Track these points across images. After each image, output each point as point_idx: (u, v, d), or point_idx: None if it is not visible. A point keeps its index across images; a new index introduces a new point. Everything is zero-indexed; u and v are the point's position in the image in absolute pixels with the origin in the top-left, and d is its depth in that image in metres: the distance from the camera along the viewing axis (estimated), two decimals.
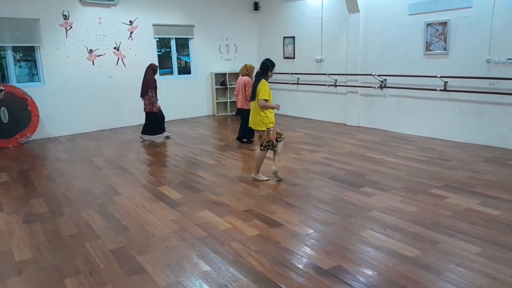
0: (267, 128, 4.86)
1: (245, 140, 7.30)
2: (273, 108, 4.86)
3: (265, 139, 4.93)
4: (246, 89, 6.96)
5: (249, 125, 5.12)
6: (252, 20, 11.07)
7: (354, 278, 2.79)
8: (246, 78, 7.09)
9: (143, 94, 7.56)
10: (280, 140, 5.02)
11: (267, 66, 4.90)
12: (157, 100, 7.58)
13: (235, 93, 7.33)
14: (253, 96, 4.89)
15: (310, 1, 9.31)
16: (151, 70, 7.58)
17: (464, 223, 3.63)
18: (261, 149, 5.01)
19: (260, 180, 5.06)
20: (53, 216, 4.13)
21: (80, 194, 4.77)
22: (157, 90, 7.68)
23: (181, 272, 2.94)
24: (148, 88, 7.47)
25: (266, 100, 4.76)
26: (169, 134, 8.02)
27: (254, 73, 6.00)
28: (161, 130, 7.90)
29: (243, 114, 7.06)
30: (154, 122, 7.72)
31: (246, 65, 7.23)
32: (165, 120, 7.98)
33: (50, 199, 4.65)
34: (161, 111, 7.73)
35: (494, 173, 5.02)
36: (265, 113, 4.83)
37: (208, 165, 5.86)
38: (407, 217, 3.80)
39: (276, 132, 4.97)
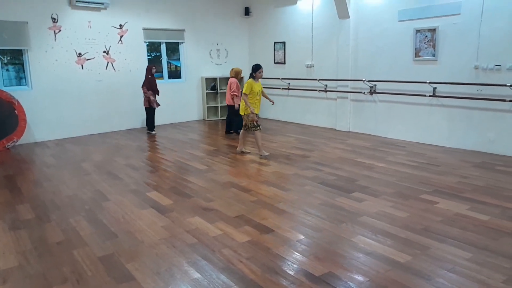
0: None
1: (232, 131, 8.56)
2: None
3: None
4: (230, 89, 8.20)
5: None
6: (243, 25, 11.09)
7: (346, 285, 2.77)
8: (232, 79, 8.25)
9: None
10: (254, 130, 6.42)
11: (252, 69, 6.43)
12: (151, 97, 8.63)
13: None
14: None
15: (301, 7, 9.36)
16: (148, 72, 8.64)
17: (454, 228, 3.64)
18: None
19: (243, 152, 6.76)
20: (40, 222, 4.05)
21: (68, 200, 4.69)
22: (151, 89, 8.64)
23: (171, 280, 2.90)
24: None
25: (245, 94, 6.31)
26: (153, 132, 8.91)
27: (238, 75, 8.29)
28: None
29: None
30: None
31: (232, 68, 8.44)
32: (149, 118, 8.85)
33: (37, 205, 4.56)
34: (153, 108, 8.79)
35: (483, 178, 5.07)
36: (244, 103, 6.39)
37: (198, 170, 5.82)
38: (397, 222, 3.81)
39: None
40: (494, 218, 3.85)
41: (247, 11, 10.88)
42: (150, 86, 8.52)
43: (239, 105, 7.98)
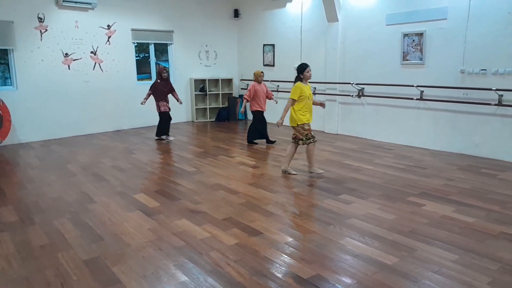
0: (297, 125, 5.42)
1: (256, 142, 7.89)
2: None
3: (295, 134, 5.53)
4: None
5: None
6: (232, 27, 11.08)
7: (334, 287, 2.77)
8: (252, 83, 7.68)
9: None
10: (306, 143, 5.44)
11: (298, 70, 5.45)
12: (158, 103, 8.10)
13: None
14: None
15: (290, 10, 9.39)
16: (158, 75, 8.17)
17: (441, 230, 3.68)
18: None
19: (289, 173, 5.58)
20: (23, 225, 3.97)
21: (52, 202, 4.61)
22: (154, 94, 8.07)
23: (157, 283, 2.86)
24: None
25: (293, 100, 5.34)
26: (168, 138, 8.34)
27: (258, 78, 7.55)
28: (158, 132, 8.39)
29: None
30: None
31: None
32: (164, 123, 8.27)
33: (21, 207, 4.47)
34: (161, 112, 8.18)
35: (469, 181, 5.13)
36: (293, 111, 5.39)
37: (186, 172, 5.78)
38: (385, 224, 3.83)
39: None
40: (480, 220, 3.90)
41: (236, 13, 10.87)
42: (153, 90, 7.97)
43: (254, 110, 7.60)
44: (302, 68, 5.35)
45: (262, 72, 7.65)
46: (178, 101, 8.33)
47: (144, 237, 3.62)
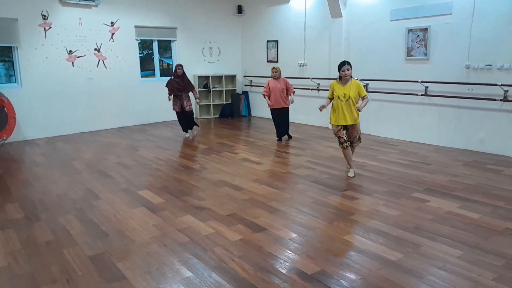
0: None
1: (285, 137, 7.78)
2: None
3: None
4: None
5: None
6: (235, 23, 11.05)
7: (338, 283, 2.77)
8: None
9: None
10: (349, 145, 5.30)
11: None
12: (173, 100, 7.98)
13: None
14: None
15: (294, 6, 9.36)
16: (174, 72, 8.01)
17: (446, 226, 3.66)
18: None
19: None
20: (29, 222, 3.99)
21: (58, 199, 4.64)
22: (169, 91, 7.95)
23: (162, 279, 2.88)
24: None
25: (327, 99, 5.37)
26: (188, 135, 8.24)
27: (275, 74, 7.37)
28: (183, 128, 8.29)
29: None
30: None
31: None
32: (184, 120, 8.16)
33: (26, 204, 4.50)
34: (177, 112, 8.07)
35: (474, 177, 5.11)
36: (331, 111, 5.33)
37: (190, 169, 5.79)
38: (389, 220, 3.82)
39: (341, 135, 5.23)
40: (485, 216, 3.88)
41: (239, 10, 10.84)
42: (168, 87, 7.90)
43: (270, 109, 7.49)
44: (339, 67, 5.18)
45: (274, 67, 7.44)
46: (196, 99, 8.16)
47: (149, 233, 3.64)
